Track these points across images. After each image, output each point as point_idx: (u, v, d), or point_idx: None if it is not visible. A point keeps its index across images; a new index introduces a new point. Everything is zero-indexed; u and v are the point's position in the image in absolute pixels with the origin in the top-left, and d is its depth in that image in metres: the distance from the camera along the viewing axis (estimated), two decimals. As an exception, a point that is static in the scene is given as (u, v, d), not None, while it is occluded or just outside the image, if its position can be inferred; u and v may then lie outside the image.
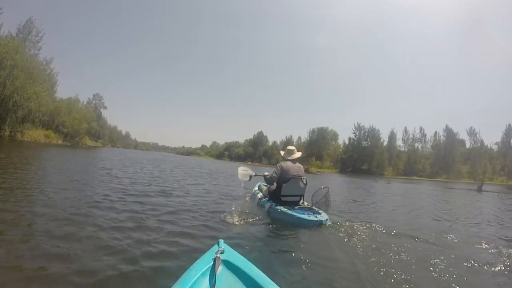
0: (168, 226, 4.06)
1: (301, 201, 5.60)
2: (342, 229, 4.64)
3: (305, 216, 4.80)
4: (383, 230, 4.82)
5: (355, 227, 4.88)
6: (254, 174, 6.57)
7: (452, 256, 3.75)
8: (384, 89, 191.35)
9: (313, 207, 5.33)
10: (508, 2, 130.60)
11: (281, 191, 5.39)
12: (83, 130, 62.17)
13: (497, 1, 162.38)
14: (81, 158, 18.85)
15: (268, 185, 5.98)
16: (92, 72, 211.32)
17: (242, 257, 2.02)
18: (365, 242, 4.00)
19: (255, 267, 1.91)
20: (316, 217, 4.83)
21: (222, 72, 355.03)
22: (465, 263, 3.51)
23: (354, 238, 4.16)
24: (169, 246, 3.21)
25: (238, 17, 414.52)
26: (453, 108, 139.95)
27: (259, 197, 6.15)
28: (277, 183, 5.55)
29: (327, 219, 4.84)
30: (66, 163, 12.92)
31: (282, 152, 5.99)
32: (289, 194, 5.42)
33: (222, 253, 1.96)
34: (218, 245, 2.11)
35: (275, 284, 1.74)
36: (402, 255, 3.59)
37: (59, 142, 53.42)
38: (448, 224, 6.63)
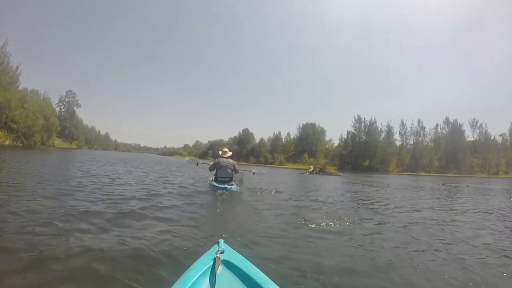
0: (166, 225, 4.27)
1: (231, 181, 8.72)
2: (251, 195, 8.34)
3: (218, 185, 8.31)
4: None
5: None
6: (201, 162, 11.96)
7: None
8: (370, 88, 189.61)
9: (233, 183, 8.64)
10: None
11: (217, 175, 8.79)
12: (39, 127, 51.69)
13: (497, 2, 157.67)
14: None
15: (211, 171, 9.32)
16: (67, 70, 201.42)
17: (242, 257, 2.10)
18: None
19: (255, 267, 1.99)
20: (225, 186, 8.24)
21: (205, 71, 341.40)
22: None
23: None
24: (168, 246, 3.29)
25: (216, 15, 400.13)
26: (445, 104, 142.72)
27: (210, 180, 9.37)
28: (215, 170, 8.84)
29: (231, 188, 8.20)
30: None
31: (220, 152, 9.32)
32: (221, 176, 8.70)
33: (222, 253, 2.04)
34: (218, 245, 2.19)
35: (275, 284, 1.81)
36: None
37: (7, 142, 43.14)
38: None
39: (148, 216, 4.78)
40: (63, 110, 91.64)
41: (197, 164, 11.99)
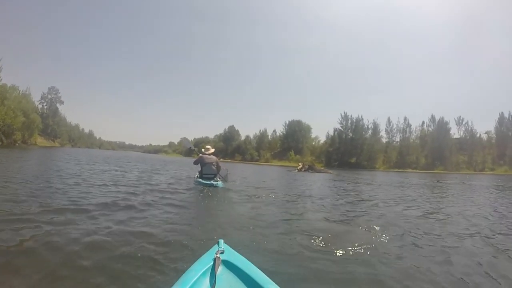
0: (162, 224, 4.26)
1: (215, 177, 9.28)
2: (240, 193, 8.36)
3: (205, 181, 8.90)
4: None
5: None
6: (193, 148, 11.29)
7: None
8: (357, 86, 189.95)
9: (218, 179, 9.23)
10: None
11: (202, 171, 9.33)
12: (19, 124, 49.97)
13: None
14: None
15: (195, 164, 9.69)
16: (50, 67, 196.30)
17: (242, 257, 2.11)
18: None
19: (255, 267, 1.99)
20: (211, 182, 8.82)
21: (191, 67, 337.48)
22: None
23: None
24: (168, 246, 3.28)
25: (202, 11, 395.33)
26: (445, 104, 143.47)
27: (195, 177, 9.91)
28: (200, 167, 9.35)
29: (217, 184, 8.79)
30: None
31: (203, 149, 9.73)
32: (206, 173, 9.24)
33: (222, 253, 2.04)
34: (218, 245, 2.19)
35: (275, 284, 1.82)
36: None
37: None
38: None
39: (142, 215, 4.75)
40: (45, 107, 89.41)
41: (190, 148, 11.89)
